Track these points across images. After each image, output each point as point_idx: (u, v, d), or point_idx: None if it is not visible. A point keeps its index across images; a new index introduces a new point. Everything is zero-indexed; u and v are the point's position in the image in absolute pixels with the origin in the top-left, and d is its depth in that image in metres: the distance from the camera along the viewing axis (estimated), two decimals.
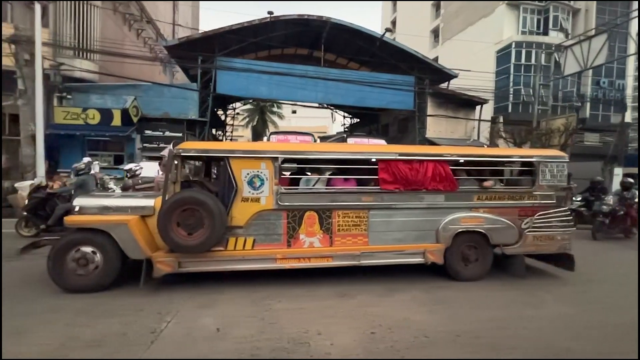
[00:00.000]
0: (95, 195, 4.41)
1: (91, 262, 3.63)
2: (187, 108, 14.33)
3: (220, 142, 9.07)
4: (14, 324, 2.88)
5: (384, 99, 16.09)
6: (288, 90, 15.33)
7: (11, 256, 4.58)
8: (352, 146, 7.32)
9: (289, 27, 15.28)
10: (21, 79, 11.63)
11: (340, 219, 4.05)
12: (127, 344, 2.64)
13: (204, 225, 3.62)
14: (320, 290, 3.93)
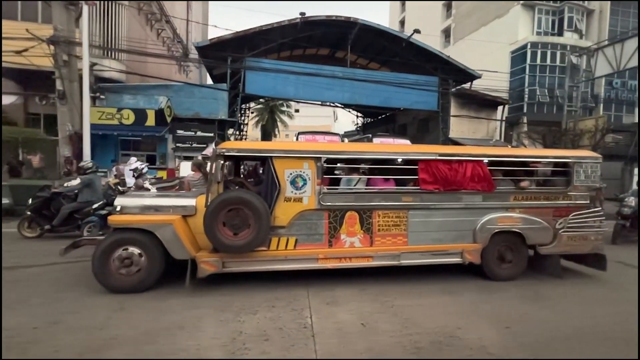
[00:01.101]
0: (136, 195, 4.40)
1: (136, 262, 3.63)
2: (217, 108, 14.44)
3: (262, 142, 9.17)
4: (182, 321, 3.03)
5: (409, 99, 16.27)
6: (315, 90, 15.46)
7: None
8: (392, 146, 7.38)
9: (315, 27, 15.40)
10: (60, 79, 11.73)
11: (380, 219, 4.09)
12: (292, 338, 2.79)
13: (250, 225, 3.64)
14: (421, 288, 4.06)
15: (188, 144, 13.55)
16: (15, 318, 2.99)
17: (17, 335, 2.71)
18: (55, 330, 2.82)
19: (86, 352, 2.51)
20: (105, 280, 3.59)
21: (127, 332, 2.80)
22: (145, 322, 3.01)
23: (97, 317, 3.06)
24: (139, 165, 6.40)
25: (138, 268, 3.63)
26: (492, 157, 4.47)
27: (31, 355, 2.46)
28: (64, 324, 2.92)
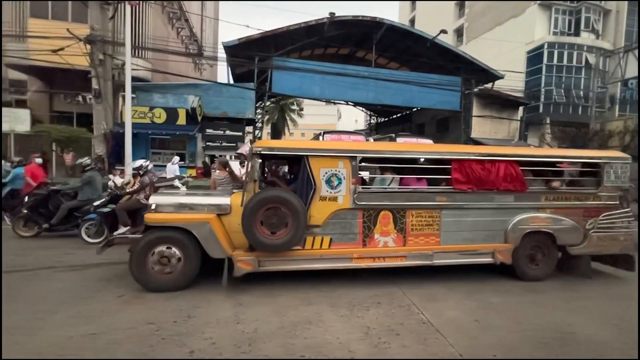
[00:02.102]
0: (170, 194, 4.39)
1: (173, 260, 3.64)
2: (244, 107, 14.58)
3: (297, 140, 9.23)
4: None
5: (432, 99, 16.39)
6: (340, 90, 15.60)
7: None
8: (425, 146, 7.39)
9: (340, 27, 15.50)
10: (96, 78, 11.87)
11: (413, 219, 4.09)
12: (421, 332, 2.94)
13: (287, 224, 3.64)
14: (500, 286, 4.17)
15: (218, 143, 13.68)
16: (164, 313, 3.14)
17: (167, 327, 2.86)
18: (196, 322, 2.97)
19: (243, 344, 2.65)
20: (143, 279, 3.60)
21: (265, 327, 2.95)
22: (272, 317, 3.16)
23: (224, 312, 3.21)
24: (144, 163, 6.12)
25: (175, 267, 3.64)
26: (526, 157, 4.49)
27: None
28: (201, 318, 3.07)
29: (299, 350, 2.61)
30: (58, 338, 2.65)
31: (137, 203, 5.78)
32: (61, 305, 3.23)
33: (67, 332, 2.75)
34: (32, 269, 4.35)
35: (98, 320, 2.98)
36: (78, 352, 2.48)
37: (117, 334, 2.76)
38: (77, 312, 3.11)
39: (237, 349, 2.61)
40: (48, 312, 3.10)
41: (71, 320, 2.95)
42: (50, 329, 2.80)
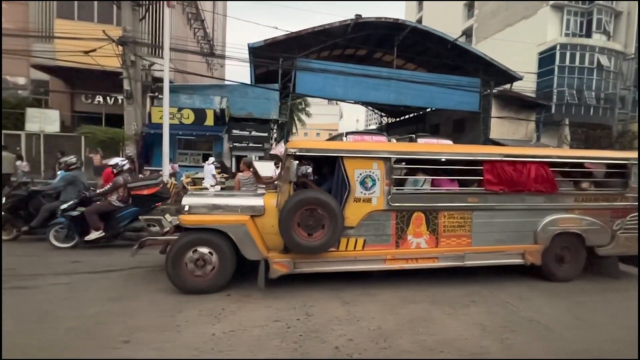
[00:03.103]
0: (201, 195, 4.35)
1: (208, 263, 3.61)
2: (269, 108, 14.70)
3: (331, 141, 9.36)
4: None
5: (452, 100, 16.55)
6: (362, 91, 15.74)
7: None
8: (457, 147, 7.36)
9: (361, 29, 15.63)
10: (127, 79, 11.95)
11: (446, 220, 4.09)
12: (537, 329, 3.09)
13: (324, 226, 3.63)
14: (574, 285, 4.31)
15: (245, 144, 13.80)
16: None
17: (296, 325, 2.99)
18: (319, 320, 3.10)
19: (379, 340, 2.79)
20: (178, 281, 3.58)
21: (385, 324, 3.08)
22: (385, 314, 3.29)
23: (337, 310, 3.35)
24: (120, 161, 5.69)
25: (212, 267, 3.63)
26: (557, 158, 4.52)
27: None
28: (320, 316, 3.20)
29: (432, 346, 2.75)
30: (205, 335, 2.78)
31: (108, 205, 5.42)
32: (184, 304, 3.36)
33: (207, 329, 2.88)
34: (104, 271, 4.45)
35: (227, 318, 3.10)
36: (233, 348, 2.61)
37: (255, 331, 2.89)
38: (200, 310, 3.23)
39: (375, 344, 2.74)
40: (174, 310, 3.23)
41: (202, 319, 3.07)
42: (190, 326, 2.92)
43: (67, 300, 3.38)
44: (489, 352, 2.69)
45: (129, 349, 2.56)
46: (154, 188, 5.65)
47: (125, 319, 3.02)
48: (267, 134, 14.26)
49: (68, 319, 2.97)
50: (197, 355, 2.50)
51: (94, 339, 2.67)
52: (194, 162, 14.01)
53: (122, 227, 5.47)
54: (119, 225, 5.44)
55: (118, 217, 5.43)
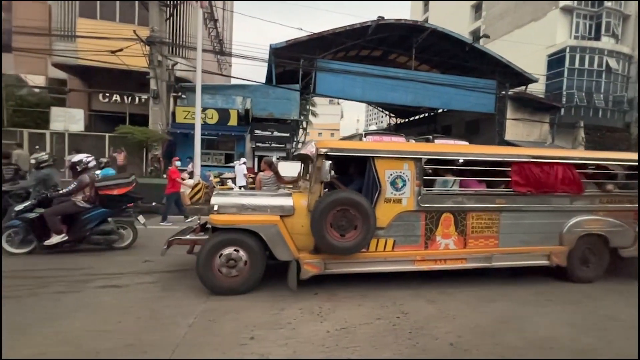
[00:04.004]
0: (229, 194, 4.30)
1: (239, 263, 3.59)
2: (290, 109, 14.79)
3: (361, 141, 9.41)
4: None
5: (468, 101, 16.71)
6: (380, 92, 15.86)
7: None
8: (485, 148, 7.39)
9: (380, 30, 15.74)
10: (154, 79, 12.01)
11: (474, 221, 4.10)
12: (626, 327, 3.21)
13: (356, 226, 3.63)
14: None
15: (267, 144, 13.88)
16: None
17: (398, 322, 3.10)
18: (416, 318, 3.21)
19: (486, 336, 2.91)
20: (209, 282, 3.55)
21: (482, 322, 3.20)
22: (475, 313, 3.41)
23: (428, 308, 3.46)
24: (84, 158, 5.16)
25: (242, 269, 3.60)
26: (582, 160, 4.58)
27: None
28: (414, 314, 3.32)
29: (540, 343, 2.86)
30: (320, 332, 2.88)
31: (72, 206, 4.92)
32: (280, 302, 3.46)
33: (317, 326, 2.99)
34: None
35: (329, 316, 3.21)
36: (355, 344, 2.72)
37: (363, 328, 2.99)
38: (300, 309, 3.33)
39: (484, 341, 2.86)
40: (274, 308, 3.33)
41: (307, 316, 3.18)
42: (301, 324, 3.03)
43: (165, 299, 3.47)
44: (595, 349, 2.81)
45: (257, 344, 2.65)
46: (125, 187, 5.37)
47: (234, 316, 3.12)
48: (289, 134, 14.35)
49: (182, 316, 3.06)
50: (327, 352, 2.60)
51: (217, 336, 2.77)
52: (216, 162, 14.08)
53: (89, 230, 5.04)
54: (84, 228, 5.00)
55: (84, 219, 4.99)
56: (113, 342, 2.59)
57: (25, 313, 3.05)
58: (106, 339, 2.63)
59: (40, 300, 3.35)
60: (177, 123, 12.96)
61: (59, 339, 2.62)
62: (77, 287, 3.71)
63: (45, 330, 2.73)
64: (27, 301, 3.32)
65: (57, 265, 4.43)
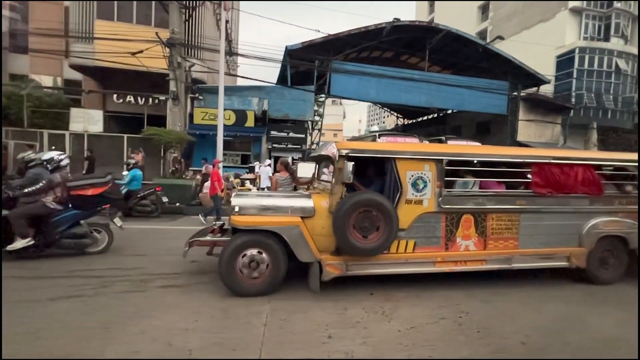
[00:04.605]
0: (249, 195, 4.27)
1: (261, 264, 3.58)
2: (305, 110, 14.87)
3: (382, 143, 9.44)
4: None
5: (481, 102, 16.77)
6: (394, 93, 15.92)
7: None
8: (506, 149, 7.37)
9: (393, 32, 15.81)
10: (174, 81, 12.10)
11: (494, 222, 4.09)
12: None
13: (379, 228, 3.62)
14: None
15: (284, 145, 13.96)
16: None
17: (463, 321, 3.18)
18: (480, 318, 3.29)
19: (550, 336, 2.98)
20: (232, 283, 3.55)
21: (543, 321, 3.28)
22: (531, 312, 3.49)
23: (489, 308, 3.54)
24: (55, 156, 4.87)
25: (264, 269, 3.60)
26: (605, 161, 4.59)
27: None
28: (477, 313, 3.39)
29: (611, 343, 2.93)
30: (392, 331, 2.96)
31: (41, 208, 4.55)
32: (341, 302, 3.53)
33: (386, 325, 3.07)
34: None
35: (393, 315, 3.28)
36: (431, 343, 2.79)
37: (432, 327, 3.07)
38: (363, 308, 3.41)
39: (550, 340, 2.93)
40: (337, 307, 3.40)
41: (373, 316, 3.25)
42: (370, 323, 3.10)
43: (228, 299, 3.52)
44: None
45: (337, 343, 2.73)
46: (100, 187, 5.03)
47: (303, 315, 3.20)
48: (304, 135, 14.43)
49: (253, 315, 3.14)
50: (407, 350, 2.68)
51: (295, 334, 2.85)
52: (232, 162, 14.17)
53: (59, 233, 4.70)
54: (54, 232, 4.66)
55: (54, 221, 4.65)
56: (200, 341, 2.67)
57: (97, 312, 3.12)
58: (192, 338, 2.71)
59: (109, 299, 3.43)
60: (194, 124, 13.04)
61: (146, 337, 2.70)
62: (140, 287, 3.79)
63: (129, 329, 2.81)
64: (95, 300, 3.39)
65: (111, 265, 4.51)
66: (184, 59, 12.44)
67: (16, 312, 3.03)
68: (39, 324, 2.85)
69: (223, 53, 10.02)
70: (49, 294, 3.49)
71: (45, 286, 3.71)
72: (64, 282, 3.86)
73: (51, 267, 4.35)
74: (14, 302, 3.24)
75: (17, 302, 3.26)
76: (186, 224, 7.69)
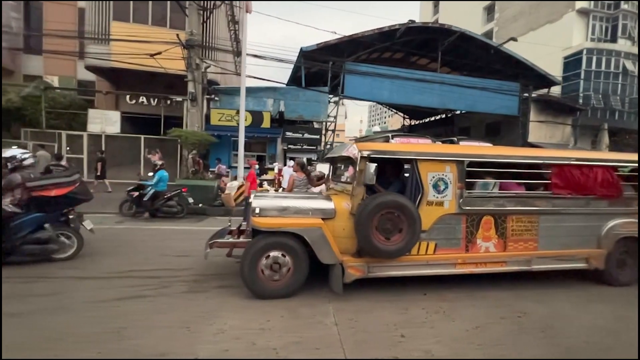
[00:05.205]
0: (268, 197, 4.19)
1: (284, 266, 3.58)
2: (319, 111, 14.94)
3: (402, 144, 9.51)
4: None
5: (493, 103, 16.85)
6: (407, 94, 15.99)
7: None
8: (525, 150, 7.24)
9: (406, 33, 15.89)
10: (192, 82, 12.16)
11: (514, 224, 4.10)
12: None
13: (402, 230, 3.62)
14: None
15: (299, 146, 14.04)
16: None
17: (518, 321, 3.25)
18: (532, 319, 3.36)
19: (612, 335, 3.05)
20: (254, 285, 3.54)
21: (600, 321, 3.36)
22: (585, 313, 3.56)
23: (540, 308, 3.61)
24: (18, 154, 4.57)
25: (287, 271, 3.60)
26: (621, 162, 4.54)
27: None
28: (533, 315, 3.47)
29: None
30: (461, 331, 3.04)
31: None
32: (401, 302, 3.61)
33: (450, 324, 3.15)
34: None
35: (454, 315, 3.37)
36: (501, 343, 2.87)
37: (495, 327, 3.15)
38: (423, 308, 3.49)
39: (611, 339, 3.00)
40: (399, 308, 3.48)
41: (434, 316, 3.33)
42: (435, 322, 3.18)
43: (291, 298, 3.61)
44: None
45: (412, 341, 2.80)
46: (65, 187, 4.63)
47: (368, 315, 3.27)
48: (319, 136, 14.50)
49: (321, 315, 3.22)
50: (482, 348, 2.76)
51: (369, 333, 2.92)
52: (247, 163, 14.21)
53: (20, 239, 4.32)
54: (15, 237, 4.28)
55: (14, 226, 4.30)
56: (280, 339, 2.74)
57: (169, 312, 3.18)
58: (271, 337, 2.78)
59: (174, 299, 3.49)
60: (211, 125, 13.10)
61: (228, 336, 2.77)
62: (198, 287, 3.85)
63: (208, 329, 2.88)
64: (160, 301, 3.46)
65: (159, 266, 4.57)
66: (201, 60, 12.49)
67: (89, 313, 3.10)
68: (117, 323, 2.92)
69: (245, 55, 10.09)
70: (113, 294, 3.56)
71: (106, 287, 3.78)
72: (121, 282, 3.93)
73: (99, 268, 4.42)
74: (82, 302, 3.32)
75: (86, 302, 3.33)
76: (214, 225, 7.75)
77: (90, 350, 2.47)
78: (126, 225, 7.41)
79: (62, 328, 2.80)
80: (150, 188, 8.16)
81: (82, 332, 2.73)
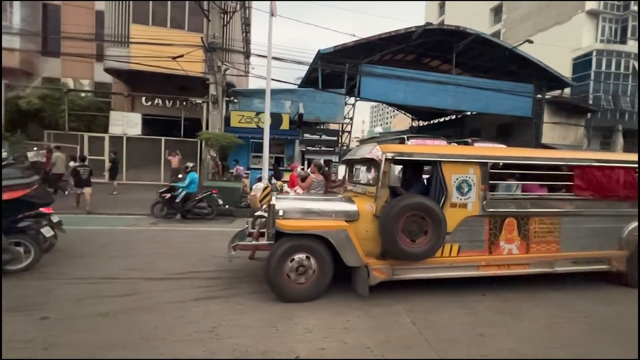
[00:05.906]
0: (292, 199, 4.13)
1: (309, 270, 3.56)
2: (336, 113, 15.04)
3: (426, 146, 9.57)
4: None
5: (507, 105, 16.93)
6: (422, 96, 16.08)
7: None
8: (548, 152, 7.22)
9: (421, 35, 15.99)
10: (214, 84, 12.28)
11: (536, 226, 4.09)
12: None
13: (427, 232, 3.62)
14: None
15: (317, 147, 14.14)
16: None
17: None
18: (579, 323, 3.46)
19: None
20: (278, 288, 3.51)
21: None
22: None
23: (569, 306, 3.72)
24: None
25: (312, 274, 3.58)
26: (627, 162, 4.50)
27: None
28: (580, 320, 3.57)
29: None
30: (533, 331, 3.13)
31: None
32: (468, 303, 3.71)
33: (524, 325, 3.23)
34: None
35: (521, 315, 3.47)
36: (574, 341, 2.96)
37: (565, 327, 3.24)
38: (487, 308, 3.59)
39: None
40: (467, 308, 3.58)
41: (500, 315, 3.43)
42: (509, 322, 3.28)
43: (366, 298, 3.71)
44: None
45: (493, 340, 2.90)
46: (19, 190, 4.16)
47: (439, 315, 3.37)
48: (336, 138, 14.61)
49: (394, 314, 3.32)
50: (566, 348, 2.85)
51: (449, 332, 3.01)
52: (288, 166, 14.34)
53: None
54: None
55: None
56: (367, 339, 2.84)
57: (251, 312, 3.27)
58: (359, 336, 2.88)
59: (247, 300, 3.59)
60: (230, 127, 13.21)
61: (317, 335, 2.86)
62: (262, 288, 3.92)
63: (294, 328, 2.97)
64: (235, 301, 3.55)
65: (216, 267, 4.67)
66: (222, 62, 12.61)
67: (175, 313, 3.19)
68: (208, 323, 3.01)
69: (270, 58, 10.19)
70: (188, 295, 3.65)
71: (178, 287, 3.88)
72: (189, 283, 4.02)
73: (158, 268, 4.51)
74: (164, 303, 3.41)
75: (167, 302, 3.42)
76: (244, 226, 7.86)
77: (196, 349, 2.57)
78: (161, 226, 7.52)
79: (157, 327, 2.90)
80: (181, 190, 8.28)
81: (179, 331, 2.83)
